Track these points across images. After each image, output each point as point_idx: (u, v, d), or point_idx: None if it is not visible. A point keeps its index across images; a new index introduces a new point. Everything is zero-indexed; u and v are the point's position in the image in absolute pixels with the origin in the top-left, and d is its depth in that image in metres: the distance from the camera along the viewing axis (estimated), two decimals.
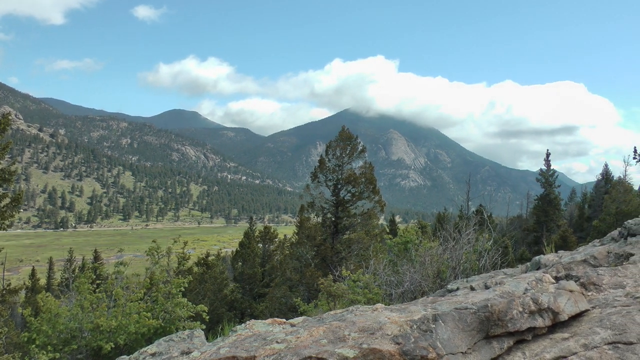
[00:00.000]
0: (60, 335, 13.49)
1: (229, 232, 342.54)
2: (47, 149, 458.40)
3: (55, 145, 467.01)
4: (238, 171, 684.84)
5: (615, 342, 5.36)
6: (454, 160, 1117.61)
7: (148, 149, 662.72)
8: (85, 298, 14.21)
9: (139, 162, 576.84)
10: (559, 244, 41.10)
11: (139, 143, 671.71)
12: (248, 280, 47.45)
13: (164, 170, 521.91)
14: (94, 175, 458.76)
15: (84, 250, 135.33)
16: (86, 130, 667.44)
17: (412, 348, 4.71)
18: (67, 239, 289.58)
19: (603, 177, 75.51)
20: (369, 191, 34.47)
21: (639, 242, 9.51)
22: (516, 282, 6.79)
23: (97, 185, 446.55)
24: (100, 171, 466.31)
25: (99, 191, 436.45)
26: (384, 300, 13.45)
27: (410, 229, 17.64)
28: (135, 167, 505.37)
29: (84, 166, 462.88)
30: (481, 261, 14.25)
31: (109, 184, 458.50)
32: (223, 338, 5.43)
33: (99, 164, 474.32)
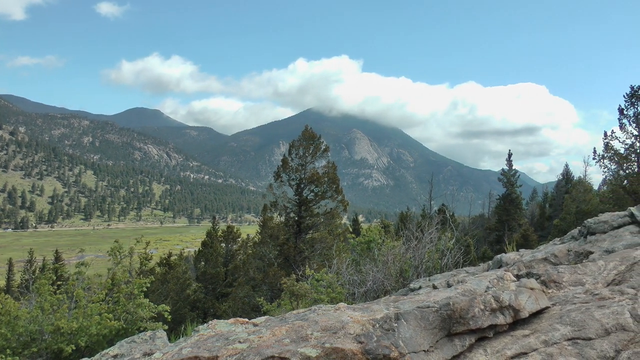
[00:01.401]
0: (19, 338, 13.25)
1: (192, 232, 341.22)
2: (6, 147, 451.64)
3: (15, 144, 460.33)
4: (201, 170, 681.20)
5: (574, 338, 5.43)
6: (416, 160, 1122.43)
7: (110, 148, 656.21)
8: (45, 300, 13.98)
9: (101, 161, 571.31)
10: (520, 242, 41.52)
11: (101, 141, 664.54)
12: (211, 280, 47.20)
13: (126, 169, 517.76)
14: (55, 174, 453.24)
15: (45, 250, 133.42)
16: (47, 128, 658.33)
17: (374, 347, 4.72)
18: (27, 239, 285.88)
19: (564, 177, 76.49)
20: (332, 190, 34.50)
21: (598, 241, 9.63)
22: (478, 281, 6.84)
23: (58, 184, 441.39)
24: (62, 170, 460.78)
25: (60, 190, 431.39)
26: (347, 300, 13.48)
27: (373, 229, 17.69)
28: (97, 166, 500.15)
29: (44, 165, 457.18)
30: (444, 260, 14.33)
31: (70, 183, 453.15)
32: (185, 338, 5.40)
33: (60, 162, 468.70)
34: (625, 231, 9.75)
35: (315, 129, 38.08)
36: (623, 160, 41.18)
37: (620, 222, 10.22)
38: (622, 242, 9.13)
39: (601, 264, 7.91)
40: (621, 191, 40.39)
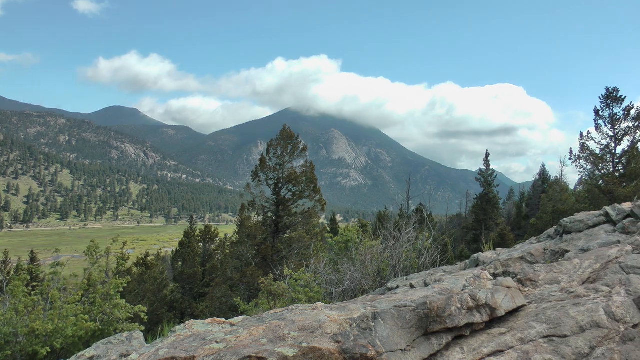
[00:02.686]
0: None
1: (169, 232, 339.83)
2: None
3: None
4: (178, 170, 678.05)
5: (550, 336, 5.47)
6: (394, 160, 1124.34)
7: (87, 147, 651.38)
8: (20, 301, 13.81)
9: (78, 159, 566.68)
10: (497, 241, 41.77)
11: (78, 140, 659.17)
12: (188, 280, 47.05)
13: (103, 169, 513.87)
14: (30, 173, 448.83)
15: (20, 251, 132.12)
16: (22, 126, 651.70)
17: (351, 346, 4.72)
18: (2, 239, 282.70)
19: (540, 177, 77.01)
20: (309, 190, 34.49)
21: (574, 240, 9.70)
22: (455, 279, 6.86)
23: (34, 183, 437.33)
24: (37, 169, 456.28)
25: (35, 190, 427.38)
26: (324, 299, 13.47)
27: (351, 228, 17.68)
28: (73, 165, 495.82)
29: (20, 164, 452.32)
30: (421, 259, 14.36)
31: (46, 182, 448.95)
32: (162, 339, 5.36)
33: (35, 161, 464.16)
34: (601, 230, 9.83)
35: (294, 128, 38.08)
36: (598, 160, 41.56)
37: (596, 222, 10.31)
38: (597, 241, 9.20)
39: (577, 262, 7.97)
40: (597, 191, 40.74)
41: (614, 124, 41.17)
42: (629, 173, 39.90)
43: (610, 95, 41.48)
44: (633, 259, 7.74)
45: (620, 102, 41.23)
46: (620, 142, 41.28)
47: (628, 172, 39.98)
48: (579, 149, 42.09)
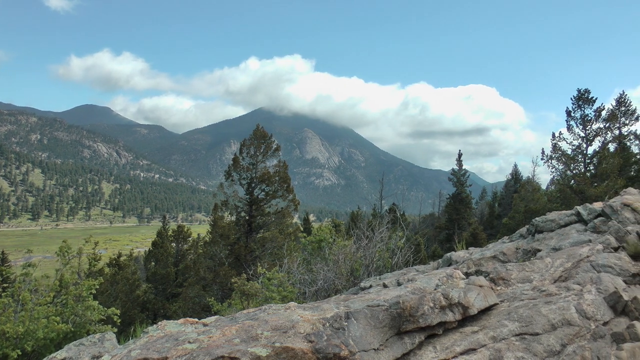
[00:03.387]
0: None
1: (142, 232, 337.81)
2: None
3: None
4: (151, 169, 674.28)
5: (522, 334, 5.51)
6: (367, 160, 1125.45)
7: (59, 146, 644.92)
8: None
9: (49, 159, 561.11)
10: (469, 241, 41.96)
11: (49, 139, 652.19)
12: (161, 280, 46.79)
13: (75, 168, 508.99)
14: (1, 172, 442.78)
15: None
16: None
17: (324, 346, 4.72)
18: None
19: (512, 177, 77.61)
20: (283, 190, 34.46)
21: (546, 239, 9.76)
22: (428, 279, 6.88)
23: (4, 183, 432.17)
24: (8, 168, 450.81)
25: (6, 189, 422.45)
26: (298, 299, 13.46)
27: (325, 228, 17.69)
28: (45, 164, 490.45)
29: None
30: (394, 259, 14.39)
31: (17, 181, 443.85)
32: (135, 340, 5.32)
33: (6, 160, 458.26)
34: (572, 229, 9.91)
35: (267, 128, 38.01)
36: (570, 160, 41.93)
37: (567, 221, 10.38)
38: (568, 240, 9.27)
39: (548, 261, 8.02)
40: (568, 191, 41.08)
41: (585, 124, 41.58)
42: (600, 173, 40.28)
43: (582, 97, 41.90)
44: (604, 257, 7.81)
45: (592, 104, 41.67)
46: (591, 142, 41.71)
47: (599, 172, 40.36)
48: (550, 149, 42.44)
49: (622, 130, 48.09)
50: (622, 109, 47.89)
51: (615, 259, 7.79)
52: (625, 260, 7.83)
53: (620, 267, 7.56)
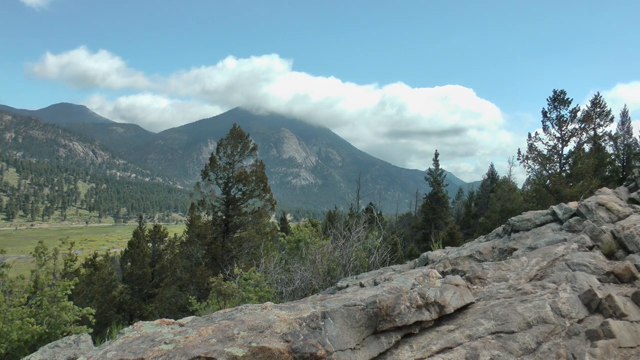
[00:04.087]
0: None
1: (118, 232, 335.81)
2: None
3: None
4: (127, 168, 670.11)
5: (498, 332, 5.54)
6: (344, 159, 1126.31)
7: (34, 144, 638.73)
8: None
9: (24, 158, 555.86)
10: (446, 240, 42.13)
11: (24, 138, 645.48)
12: (137, 280, 46.56)
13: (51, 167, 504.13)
14: None
15: None
16: None
17: (301, 345, 4.72)
18: None
19: (489, 177, 78.13)
20: (260, 189, 34.42)
21: (522, 238, 9.83)
22: (404, 278, 6.90)
23: None
24: None
25: None
26: (275, 299, 13.44)
27: (302, 227, 17.67)
28: (19, 164, 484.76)
29: None
30: (371, 258, 14.41)
31: None
32: (110, 341, 5.27)
33: None
34: (548, 229, 9.98)
35: (244, 127, 37.98)
36: (546, 160, 42.29)
37: (543, 220, 10.45)
38: (544, 239, 9.33)
39: (524, 260, 8.07)
40: (544, 190, 41.41)
41: (560, 125, 41.95)
42: (575, 173, 40.64)
43: (558, 98, 42.28)
44: (579, 256, 7.88)
45: (567, 105, 42.07)
46: (567, 143, 42.11)
47: (574, 172, 40.72)
48: (526, 149, 42.80)
49: (597, 131, 48.60)
50: (597, 110, 48.40)
51: (590, 258, 7.85)
52: (599, 259, 7.90)
53: (595, 266, 7.62)
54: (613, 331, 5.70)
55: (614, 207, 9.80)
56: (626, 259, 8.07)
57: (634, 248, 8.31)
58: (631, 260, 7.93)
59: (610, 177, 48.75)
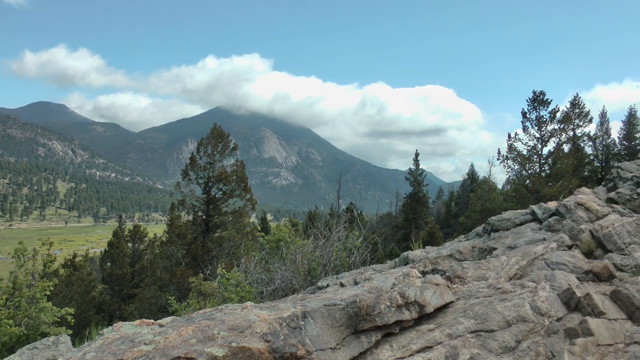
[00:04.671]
0: None
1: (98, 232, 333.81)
2: None
3: None
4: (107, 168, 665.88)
5: (478, 331, 5.56)
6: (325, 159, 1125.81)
7: (12, 143, 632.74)
8: None
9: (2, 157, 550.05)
10: (426, 240, 42.23)
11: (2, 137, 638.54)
12: (117, 281, 46.32)
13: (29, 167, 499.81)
14: None
15: None
16: None
17: (281, 345, 4.72)
18: None
19: (469, 177, 78.46)
20: (240, 189, 34.37)
21: (501, 237, 9.88)
22: (384, 278, 6.91)
23: None
24: None
25: None
26: (255, 299, 13.42)
27: (283, 227, 17.66)
28: None
29: None
30: (351, 258, 14.42)
31: None
32: (90, 342, 5.23)
33: None
34: (527, 228, 10.04)
35: (224, 127, 37.87)
36: (525, 161, 42.51)
37: (522, 220, 10.51)
38: (523, 238, 9.39)
39: (504, 259, 8.11)
40: (523, 190, 41.61)
41: (540, 125, 42.20)
42: (554, 173, 40.89)
43: (537, 98, 42.52)
44: (558, 255, 7.93)
45: (547, 105, 42.31)
46: (546, 143, 42.34)
47: (554, 172, 40.97)
48: (506, 149, 43.00)
49: (576, 132, 49.00)
50: (576, 111, 48.83)
51: (569, 257, 7.91)
52: (578, 258, 7.96)
53: (574, 265, 7.68)
54: (591, 329, 5.74)
55: (592, 206, 9.88)
56: (604, 258, 8.14)
57: (612, 247, 8.38)
58: (609, 259, 8.00)
59: (589, 177, 49.16)
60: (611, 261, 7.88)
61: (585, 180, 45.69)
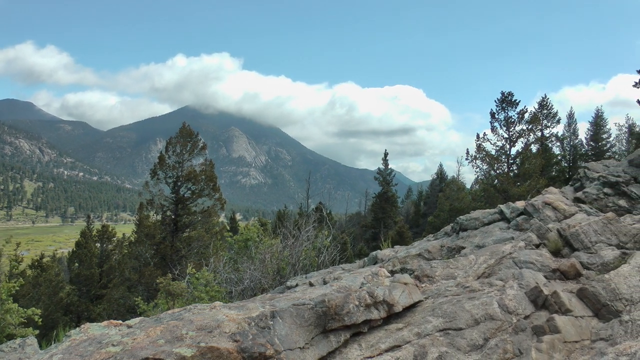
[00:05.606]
0: None
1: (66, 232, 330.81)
2: None
3: None
4: (75, 167, 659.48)
5: (446, 329, 5.58)
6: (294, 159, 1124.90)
7: None
8: None
9: None
10: (395, 239, 42.33)
11: None
12: (85, 281, 45.95)
13: None
14: None
15: None
16: None
17: (250, 345, 4.70)
18: None
19: (438, 176, 78.89)
20: (209, 189, 34.28)
21: (470, 237, 9.94)
22: (353, 277, 6.91)
23: None
24: None
25: None
26: (224, 298, 13.38)
27: (251, 227, 17.63)
28: None
29: None
30: (320, 257, 14.44)
31: None
32: (57, 344, 5.17)
33: None
34: (495, 227, 10.11)
35: (193, 126, 37.76)
36: (494, 160, 42.82)
37: (491, 219, 10.58)
38: (492, 237, 9.45)
39: (472, 258, 8.16)
40: (492, 190, 41.90)
41: (508, 126, 42.54)
42: (522, 173, 41.24)
43: (506, 99, 42.85)
44: (525, 254, 8.00)
45: (515, 106, 42.66)
46: (514, 143, 42.70)
47: (522, 172, 41.32)
48: (475, 149, 43.27)
49: (544, 132, 49.51)
50: (544, 112, 49.37)
51: (537, 256, 7.98)
52: (546, 257, 8.03)
53: (541, 263, 7.75)
54: (558, 326, 5.79)
55: (560, 206, 9.97)
56: (572, 257, 8.23)
57: (579, 246, 8.46)
58: (576, 258, 8.08)
59: (556, 177, 49.67)
60: (578, 260, 7.96)
61: (553, 180, 46.14)
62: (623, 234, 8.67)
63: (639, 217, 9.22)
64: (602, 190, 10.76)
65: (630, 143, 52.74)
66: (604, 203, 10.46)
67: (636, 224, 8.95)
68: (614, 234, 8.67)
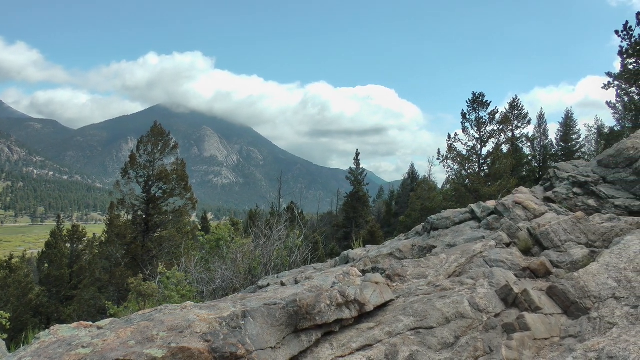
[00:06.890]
0: None
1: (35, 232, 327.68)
2: None
3: None
4: (45, 166, 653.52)
5: (417, 328, 5.61)
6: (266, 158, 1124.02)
7: None
8: None
9: None
10: (367, 239, 42.47)
11: None
12: (55, 282, 45.61)
13: None
14: None
15: None
16: None
17: (221, 345, 4.69)
18: None
19: (409, 176, 79.24)
20: (180, 188, 34.20)
21: (441, 236, 10.00)
22: (325, 277, 6.92)
23: None
24: None
25: None
26: (195, 298, 13.34)
27: (223, 227, 17.59)
28: None
29: None
30: (292, 257, 14.46)
31: None
32: (25, 347, 5.12)
33: None
34: (466, 226, 10.18)
35: (165, 125, 37.61)
36: (465, 160, 43.12)
37: (462, 218, 10.65)
38: (463, 236, 9.52)
39: (443, 257, 8.20)
40: (463, 189, 42.18)
41: (479, 126, 42.85)
42: (493, 173, 41.57)
43: (477, 100, 43.17)
44: (496, 253, 8.06)
45: (486, 107, 43.01)
46: (485, 143, 43.03)
47: (492, 172, 41.65)
48: (446, 149, 43.56)
49: (515, 133, 49.96)
50: (515, 113, 49.85)
51: (507, 254, 8.04)
52: (516, 255, 8.10)
53: (512, 262, 7.81)
54: (528, 324, 5.84)
55: (530, 205, 10.05)
56: (541, 255, 8.30)
57: (549, 244, 8.54)
58: (546, 256, 8.15)
59: (527, 176, 50.15)
60: (548, 258, 8.04)
61: (523, 180, 46.59)
62: (592, 233, 8.76)
63: (607, 217, 9.33)
64: (572, 190, 10.86)
65: (599, 144, 53.33)
66: (574, 202, 10.55)
67: (605, 223, 9.05)
68: (583, 233, 8.76)
